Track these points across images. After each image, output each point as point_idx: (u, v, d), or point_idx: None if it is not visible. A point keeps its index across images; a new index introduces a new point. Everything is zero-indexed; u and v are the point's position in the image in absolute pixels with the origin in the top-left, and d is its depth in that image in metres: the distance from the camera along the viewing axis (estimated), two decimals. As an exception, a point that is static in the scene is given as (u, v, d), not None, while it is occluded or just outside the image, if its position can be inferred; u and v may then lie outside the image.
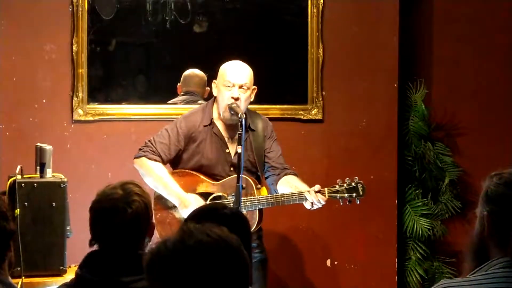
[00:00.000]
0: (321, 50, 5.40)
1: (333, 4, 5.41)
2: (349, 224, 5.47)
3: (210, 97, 4.64)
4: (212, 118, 4.48)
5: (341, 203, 4.40)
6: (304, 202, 4.30)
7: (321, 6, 5.38)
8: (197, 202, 4.34)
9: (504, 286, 2.26)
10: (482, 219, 2.37)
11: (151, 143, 4.44)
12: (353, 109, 5.47)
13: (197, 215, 2.82)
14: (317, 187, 4.29)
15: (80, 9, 5.19)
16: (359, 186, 4.37)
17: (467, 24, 5.67)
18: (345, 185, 4.36)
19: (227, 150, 4.48)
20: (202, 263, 1.80)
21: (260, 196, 4.34)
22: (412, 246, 5.57)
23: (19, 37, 5.17)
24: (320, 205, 4.28)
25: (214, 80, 4.52)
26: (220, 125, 4.49)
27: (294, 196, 4.30)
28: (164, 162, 4.44)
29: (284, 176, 4.47)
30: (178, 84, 5.36)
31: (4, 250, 2.65)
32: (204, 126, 4.47)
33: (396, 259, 5.49)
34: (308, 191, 4.27)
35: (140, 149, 4.46)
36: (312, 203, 4.26)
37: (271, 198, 4.33)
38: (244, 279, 1.85)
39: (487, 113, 5.68)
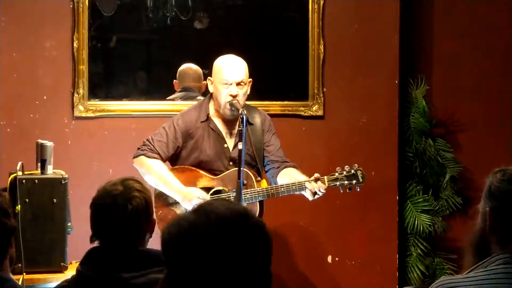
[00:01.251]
0: (322, 46, 5.40)
1: (334, 0, 5.41)
2: (350, 220, 5.48)
3: (207, 92, 4.63)
4: (209, 114, 4.48)
5: (341, 191, 4.39)
6: (304, 193, 4.30)
7: (321, 2, 5.37)
8: (199, 194, 4.35)
9: (504, 282, 2.26)
10: (484, 215, 2.37)
11: (149, 142, 4.44)
12: (354, 106, 5.47)
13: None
14: (316, 175, 4.29)
15: (81, 5, 5.19)
16: (359, 173, 4.37)
17: (468, 20, 5.67)
18: (344, 172, 4.37)
19: (225, 145, 4.49)
20: (225, 236, 1.67)
21: (260, 188, 4.34)
22: (413, 242, 5.57)
23: (20, 34, 5.17)
24: (321, 194, 4.28)
25: (209, 77, 4.51)
26: (217, 121, 4.49)
27: (294, 186, 4.30)
28: (163, 160, 4.45)
29: (284, 168, 4.48)
30: (174, 81, 5.37)
31: (5, 247, 2.66)
32: (201, 122, 4.48)
33: (397, 255, 5.50)
34: (309, 181, 4.27)
35: (138, 149, 4.47)
36: (314, 193, 4.26)
37: (270, 189, 4.34)
38: (266, 254, 1.72)
39: (487, 109, 5.68)
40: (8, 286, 2.61)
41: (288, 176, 4.41)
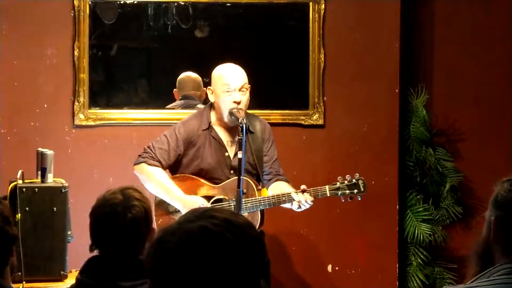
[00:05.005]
0: (323, 55, 5.40)
1: (335, 9, 5.41)
2: (350, 229, 5.47)
3: (207, 100, 4.63)
4: (210, 122, 4.48)
5: (343, 200, 4.40)
6: (290, 205, 4.31)
7: (322, 11, 5.38)
8: (200, 201, 4.35)
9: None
10: (489, 224, 2.36)
11: (150, 149, 4.44)
12: (354, 114, 5.47)
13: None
14: (302, 187, 4.30)
15: (82, 13, 5.19)
16: (360, 182, 4.38)
17: (468, 29, 5.68)
18: (346, 181, 4.37)
19: (226, 154, 4.48)
20: (207, 252, 1.57)
21: (261, 197, 4.34)
22: (413, 252, 5.56)
23: (21, 42, 5.18)
24: (307, 206, 4.28)
25: (209, 87, 4.51)
26: (218, 129, 4.49)
27: (284, 197, 4.31)
28: (163, 168, 4.44)
29: (275, 181, 4.48)
30: (174, 90, 5.37)
31: (6, 255, 2.65)
32: (203, 130, 4.48)
33: (397, 265, 5.49)
34: (295, 192, 4.27)
35: (139, 156, 4.46)
36: (299, 203, 4.25)
37: (272, 199, 4.33)
38: (254, 266, 1.65)
39: (488, 118, 5.68)
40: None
41: (278, 189, 4.42)
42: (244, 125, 4.14)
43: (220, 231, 1.60)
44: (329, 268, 5.50)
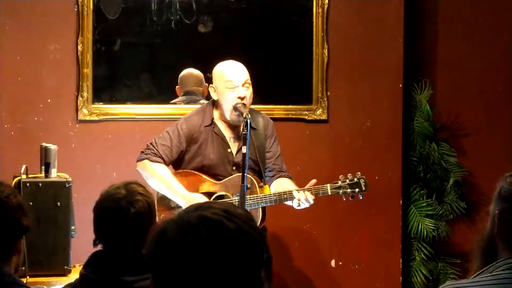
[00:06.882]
0: (326, 50, 5.40)
1: (338, 4, 5.41)
2: (354, 224, 5.47)
3: (210, 95, 4.61)
4: (213, 118, 4.48)
5: (344, 199, 4.40)
6: (291, 202, 4.30)
7: (326, 6, 5.38)
8: (202, 200, 4.34)
9: (509, 288, 2.25)
10: (493, 217, 2.36)
11: (153, 146, 4.43)
12: (358, 109, 5.46)
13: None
14: (313, 181, 4.29)
15: (85, 8, 5.19)
16: (362, 181, 4.38)
17: (472, 24, 5.67)
18: (347, 180, 4.37)
19: (229, 150, 4.48)
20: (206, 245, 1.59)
21: (263, 194, 4.34)
22: (417, 247, 5.56)
23: (24, 37, 5.18)
24: (307, 204, 4.27)
25: (211, 85, 4.50)
26: (221, 125, 4.48)
27: (285, 195, 4.31)
28: (166, 164, 4.44)
29: (278, 178, 4.48)
30: (177, 86, 5.36)
31: (13, 243, 2.65)
32: (205, 126, 4.47)
33: (401, 260, 5.49)
34: (297, 190, 4.27)
35: (142, 152, 4.46)
36: (298, 201, 4.24)
37: (273, 196, 4.33)
38: (252, 260, 1.64)
39: (491, 113, 5.68)
40: (8, 281, 2.60)
41: (281, 186, 4.41)
42: (248, 120, 4.13)
43: (219, 219, 1.63)
44: (333, 263, 5.50)
